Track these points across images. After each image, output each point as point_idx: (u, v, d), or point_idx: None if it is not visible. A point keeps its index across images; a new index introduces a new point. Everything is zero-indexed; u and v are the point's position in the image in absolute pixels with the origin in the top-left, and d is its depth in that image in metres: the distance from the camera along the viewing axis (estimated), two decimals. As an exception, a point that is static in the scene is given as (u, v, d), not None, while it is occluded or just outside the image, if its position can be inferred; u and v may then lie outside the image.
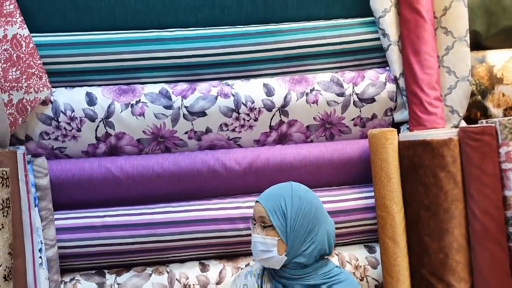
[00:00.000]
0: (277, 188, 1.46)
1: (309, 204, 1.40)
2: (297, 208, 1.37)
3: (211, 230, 1.90)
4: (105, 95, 1.88)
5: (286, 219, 1.36)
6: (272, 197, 1.41)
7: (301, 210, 1.37)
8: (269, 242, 1.36)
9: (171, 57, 1.93)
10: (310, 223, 1.37)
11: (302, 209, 1.37)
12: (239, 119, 1.93)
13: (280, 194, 1.41)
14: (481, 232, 1.71)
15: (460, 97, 1.94)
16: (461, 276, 1.74)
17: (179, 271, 1.91)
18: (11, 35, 1.77)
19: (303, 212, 1.37)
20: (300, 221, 1.36)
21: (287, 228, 1.36)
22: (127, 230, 1.87)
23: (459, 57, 1.94)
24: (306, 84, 1.97)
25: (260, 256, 1.38)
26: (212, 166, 1.92)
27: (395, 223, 1.83)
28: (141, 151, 1.97)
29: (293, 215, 1.36)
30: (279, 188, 1.46)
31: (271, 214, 1.37)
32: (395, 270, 1.82)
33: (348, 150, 2.01)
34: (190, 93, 1.90)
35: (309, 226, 1.37)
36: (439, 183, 1.76)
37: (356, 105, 2.00)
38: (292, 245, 1.36)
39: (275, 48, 1.97)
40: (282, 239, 1.36)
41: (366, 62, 2.07)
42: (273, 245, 1.35)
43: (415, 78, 1.90)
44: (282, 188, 1.45)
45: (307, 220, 1.37)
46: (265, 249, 1.36)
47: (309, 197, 1.43)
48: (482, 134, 1.71)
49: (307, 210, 1.38)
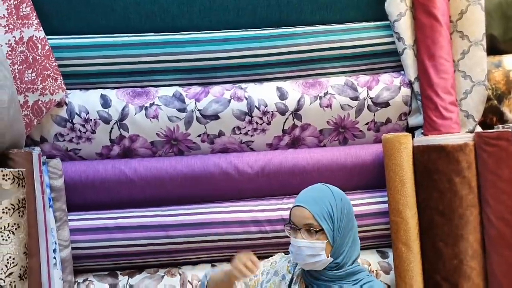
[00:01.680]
0: (317, 191, 1.43)
1: (347, 205, 1.42)
2: (341, 210, 1.38)
3: (223, 233, 1.91)
4: (119, 97, 1.90)
5: (334, 222, 1.36)
6: (317, 201, 1.38)
7: (344, 211, 1.39)
8: (318, 246, 1.34)
9: (185, 60, 1.93)
10: (349, 223, 1.40)
11: (344, 210, 1.39)
12: (252, 123, 1.93)
13: (324, 197, 1.39)
14: (496, 238, 1.69)
15: (476, 102, 1.92)
16: (475, 283, 1.73)
17: (191, 273, 1.92)
18: (27, 37, 1.78)
19: (346, 213, 1.39)
20: (344, 222, 1.37)
21: (334, 230, 1.36)
22: (140, 232, 1.89)
23: (475, 61, 1.92)
24: (319, 87, 1.97)
25: (307, 260, 1.36)
26: (225, 169, 1.92)
27: (408, 228, 1.81)
28: (154, 154, 1.98)
29: (338, 216, 1.36)
30: (319, 191, 1.44)
31: (319, 219, 1.34)
32: (408, 276, 1.81)
33: (362, 155, 2.00)
34: (204, 96, 1.91)
35: (349, 226, 1.39)
36: (454, 188, 1.74)
37: (370, 109, 1.98)
38: (337, 246, 1.36)
39: (289, 52, 1.97)
40: (330, 241, 1.35)
41: (381, 66, 2.06)
42: (321, 249, 1.34)
43: (430, 82, 1.88)
44: (322, 191, 1.43)
45: (347, 220, 1.39)
46: (313, 253, 1.34)
47: (346, 198, 1.45)
48: (498, 139, 1.69)
49: (347, 210, 1.40)
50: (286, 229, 1.42)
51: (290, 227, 1.42)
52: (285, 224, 1.44)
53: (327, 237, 1.35)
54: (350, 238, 1.39)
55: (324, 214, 1.35)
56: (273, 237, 1.92)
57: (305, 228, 1.37)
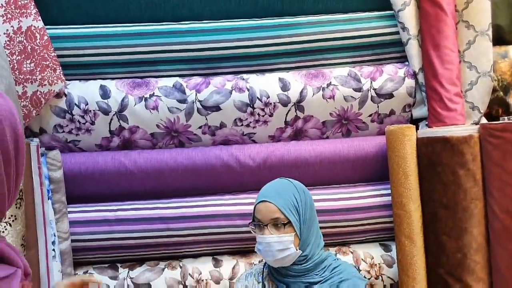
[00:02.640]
0: (280, 185, 1.45)
1: (309, 196, 1.46)
2: (305, 201, 1.41)
3: (224, 226, 1.89)
4: (119, 88, 1.87)
5: (299, 214, 1.37)
6: (281, 195, 1.39)
7: (307, 202, 1.42)
8: (287, 240, 1.34)
9: (186, 50, 1.90)
10: (312, 214, 1.43)
11: (308, 201, 1.42)
12: (253, 114, 1.90)
13: (288, 190, 1.41)
14: (501, 232, 1.66)
15: (481, 93, 1.88)
16: (479, 277, 1.70)
17: (192, 266, 1.90)
18: (25, 27, 1.76)
19: (309, 204, 1.42)
20: (308, 213, 1.40)
21: (301, 222, 1.37)
22: (140, 224, 1.87)
23: (480, 51, 1.88)
24: (322, 78, 1.94)
25: (276, 256, 1.36)
26: (226, 162, 1.90)
27: (412, 222, 1.79)
28: (154, 145, 1.96)
29: (303, 208, 1.39)
30: (281, 185, 1.46)
31: (286, 211, 1.35)
32: (411, 269, 1.78)
33: (365, 147, 1.97)
34: (204, 87, 1.88)
35: (312, 217, 1.42)
36: (458, 181, 1.71)
37: (374, 100, 1.95)
38: (305, 238, 1.37)
39: (292, 42, 1.94)
40: (297, 233, 1.36)
41: (385, 56, 2.02)
42: (290, 242, 1.35)
43: (435, 73, 1.85)
44: (284, 184, 1.46)
45: (310, 211, 1.41)
46: (282, 247, 1.34)
47: (307, 189, 1.49)
48: (503, 131, 1.65)
49: (309, 202, 1.43)
50: (251, 228, 1.42)
51: (255, 224, 1.41)
52: (250, 223, 1.43)
53: (295, 230, 1.36)
54: (315, 229, 1.42)
55: (290, 206, 1.36)
56: (275, 230, 1.90)
57: (272, 223, 1.36)
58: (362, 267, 1.89)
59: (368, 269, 1.90)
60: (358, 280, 1.39)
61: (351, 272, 1.41)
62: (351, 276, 1.38)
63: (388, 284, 1.92)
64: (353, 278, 1.38)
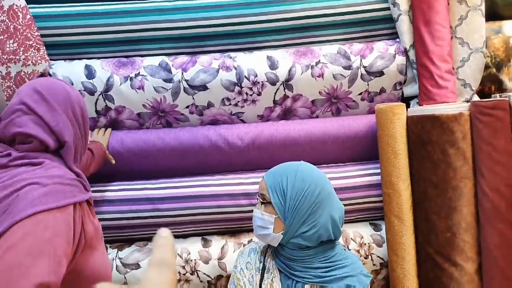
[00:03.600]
0: (284, 166, 1.39)
1: (313, 186, 1.32)
2: (299, 189, 1.31)
3: (213, 206, 1.87)
4: (104, 67, 1.84)
5: (286, 198, 1.31)
6: (275, 175, 1.36)
7: (303, 191, 1.31)
8: (267, 219, 1.32)
9: (172, 28, 1.87)
10: (312, 206, 1.30)
11: (304, 190, 1.31)
12: (241, 93, 1.88)
13: (284, 172, 1.35)
14: (491, 211, 1.63)
15: (473, 70, 1.84)
16: (468, 256, 1.69)
17: (181, 246, 1.89)
18: (7, 6, 1.73)
19: (304, 193, 1.30)
20: (300, 202, 1.30)
21: (286, 207, 1.31)
22: (128, 205, 1.86)
23: (473, 27, 1.83)
24: (311, 56, 1.90)
25: (257, 231, 1.36)
26: (214, 142, 1.88)
27: (401, 201, 1.77)
28: (141, 126, 1.94)
29: (293, 195, 1.30)
30: (286, 166, 1.39)
31: (270, 191, 1.32)
32: (400, 249, 1.77)
33: (355, 126, 1.94)
34: (191, 66, 1.85)
35: (311, 209, 1.30)
36: (448, 159, 1.69)
37: (364, 78, 1.92)
38: (290, 225, 1.31)
39: (280, 19, 1.90)
40: (280, 217, 1.31)
41: (375, 33, 1.98)
42: (270, 223, 1.32)
43: (426, 50, 1.81)
44: (289, 166, 1.38)
45: (308, 202, 1.30)
46: (262, 225, 1.33)
47: (315, 179, 1.34)
48: (494, 109, 1.61)
49: (309, 191, 1.31)
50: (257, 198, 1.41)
51: (256, 196, 1.41)
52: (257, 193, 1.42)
53: (276, 212, 1.31)
54: (316, 222, 1.30)
55: (277, 187, 1.32)
56: (264, 210, 1.89)
57: (260, 198, 1.35)
58: (351, 247, 1.88)
59: (358, 249, 1.89)
60: (363, 277, 1.32)
61: (356, 268, 1.34)
62: (356, 272, 1.32)
63: (378, 263, 1.91)
64: (358, 274, 1.31)
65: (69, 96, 1.18)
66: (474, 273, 1.69)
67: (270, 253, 1.43)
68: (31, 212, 0.95)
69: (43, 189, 1.00)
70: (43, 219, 0.96)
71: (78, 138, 1.20)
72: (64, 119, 1.15)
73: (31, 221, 0.94)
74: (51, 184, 1.02)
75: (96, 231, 1.16)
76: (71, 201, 1.05)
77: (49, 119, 1.13)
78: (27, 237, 0.92)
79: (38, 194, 0.99)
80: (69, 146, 1.15)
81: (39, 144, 1.13)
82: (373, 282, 1.91)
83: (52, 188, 1.02)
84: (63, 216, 1.01)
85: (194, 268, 1.86)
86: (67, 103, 1.17)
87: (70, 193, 1.06)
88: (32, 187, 1.00)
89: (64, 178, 1.08)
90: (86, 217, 1.12)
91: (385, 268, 1.90)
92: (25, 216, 0.93)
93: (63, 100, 1.17)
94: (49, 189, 1.01)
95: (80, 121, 1.21)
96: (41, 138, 1.11)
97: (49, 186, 1.01)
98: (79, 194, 1.10)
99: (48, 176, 1.04)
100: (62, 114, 1.15)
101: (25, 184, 1.00)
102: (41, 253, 0.91)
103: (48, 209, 0.97)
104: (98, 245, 1.15)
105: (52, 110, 1.14)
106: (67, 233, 1.00)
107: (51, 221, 0.97)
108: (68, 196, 1.05)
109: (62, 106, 1.16)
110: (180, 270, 1.86)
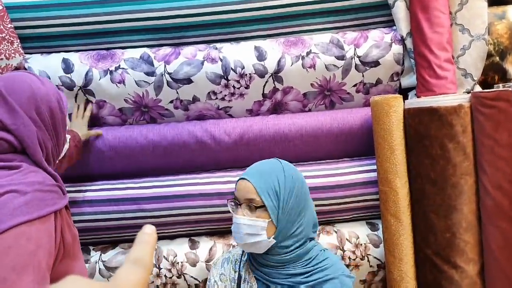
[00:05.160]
0: (267, 165, 1.30)
1: (300, 184, 1.27)
2: (290, 188, 1.24)
3: (200, 206, 1.78)
4: (82, 61, 1.74)
5: (279, 200, 1.22)
6: (262, 175, 1.25)
7: (294, 190, 1.24)
8: (259, 225, 1.21)
9: (153, 18, 1.76)
10: (300, 204, 1.25)
11: (294, 189, 1.24)
12: (228, 87, 1.77)
13: (272, 172, 1.25)
14: (493, 210, 1.52)
15: (475, 58, 1.72)
16: (469, 257, 1.58)
17: (167, 248, 1.81)
18: (-23, -3, 1.63)
19: (295, 192, 1.24)
20: (292, 203, 1.23)
21: (279, 209, 1.22)
22: (111, 206, 1.77)
23: (474, 13, 1.71)
24: (302, 46, 1.79)
25: (245, 240, 1.23)
26: (200, 138, 1.78)
27: (398, 199, 1.67)
28: (124, 122, 1.84)
29: (285, 196, 1.22)
30: (269, 165, 1.30)
31: (263, 194, 1.21)
32: (397, 250, 1.67)
33: (349, 120, 1.83)
34: (174, 58, 1.74)
35: (300, 207, 1.25)
36: (447, 155, 1.57)
37: (358, 69, 1.80)
38: (283, 227, 1.22)
39: (268, 6, 1.78)
40: (273, 221, 1.21)
41: (370, 21, 1.86)
42: (262, 228, 1.21)
43: (423, 37, 1.69)
44: (272, 165, 1.29)
45: (298, 201, 1.24)
46: (253, 232, 1.21)
47: (299, 176, 1.30)
48: (496, 100, 1.49)
49: (298, 190, 1.25)
50: (230, 204, 1.28)
51: (233, 202, 1.28)
52: (228, 199, 1.30)
53: (270, 216, 1.21)
54: (301, 221, 1.25)
55: (269, 189, 1.21)
56: (253, 209, 1.79)
57: (246, 204, 1.23)
58: (346, 248, 1.78)
59: (353, 250, 1.79)
60: (346, 278, 1.25)
61: (338, 269, 1.26)
62: (338, 274, 1.24)
63: (375, 264, 1.81)
64: (340, 276, 1.23)
65: (33, 95, 1.09)
66: (476, 275, 1.59)
67: (245, 261, 1.34)
68: (12, 224, 0.90)
69: (23, 197, 0.96)
70: (25, 230, 0.92)
71: (47, 139, 1.12)
72: (25, 120, 1.07)
73: (13, 233, 0.90)
74: (31, 192, 0.98)
75: (74, 239, 1.12)
76: (52, 209, 1.00)
77: (6, 120, 1.05)
78: (10, 251, 0.87)
79: (18, 203, 0.94)
80: (34, 149, 1.08)
81: (8, 146, 1.06)
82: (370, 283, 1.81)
83: (32, 197, 0.97)
84: (45, 226, 0.97)
85: (181, 271, 1.77)
86: (30, 103, 1.08)
87: (51, 200, 1.02)
88: (12, 195, 0.95)
89: (44, 184, 1.03)
90: (65, 224, 1.07)
91: (383, 270, 1.81)
92: (6, 228, 0.89)
93: (26, 100, 1.08)
94: (29, 197, 0.97)
95: (48, 121, 1.12)
96: (6, 139, 1.05)
97: (29, 195, 0.97)
98: (59, 200, 1.05)
99: (27, 183, 0.99)
100: (23, 115, 1.07)
101: (3, 192, 0.94)
102: (25, 267, 0.87)
103: (30, 219, 0.93)
104: (77, 253, 1.12)
105: (10, 111, 1.06)
106: (49, 243, 0.97)
107: (34, 232, 0.93)
108: (49, 204, 1.00)
109: (24, 106, 1.08)
110: (166, 274, 1.77)
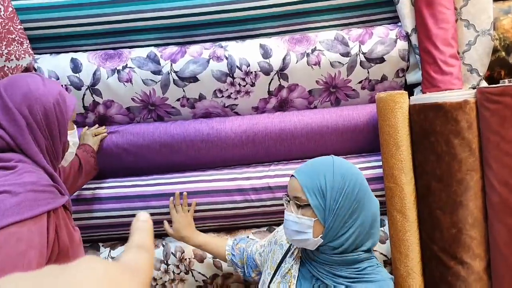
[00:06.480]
0: (317, 163, 1.26)
1: (352, 183, 1.20)
2: (339, 188, 1.19)
3: (207, 203, 1.80)
4: (90, 60, 1.77)
5: (326, 199, 1.18)
6: (310, 174, 1.22)
7: (343, 190, 1.19)
8: (305, 223, 1.19)
9: (160, 18, 1.78)
10: (352, 205, 1.19)
11: (344, 189, 1.19)
12: (234, 85, 1.79)
13: (320, 170, 1.22)
14: (499, 205, 1.52)
15: (480, 54, 1.71)
16: (475, 253, 1.58)
17: (175, 244, 1.83)
18: (-12, -1, 1.67)
19: (345, 192, 1.19)
20: (342, 203, 1.18)
21: (326, 209, 1.18)
22: (119, 203, 1.80)
23: (479, 8, 1.70)
24: (307, 43, 1.79)
25: (293, 236, 1.22)
26: (206, 135, 1.80)
27: (404, 195, 1.67)
28: (132, 120, 1.87)
29: (333, 195, 1.18)
30: (319, 163, 1.26)
31: (308, 192, 1.19)
32: (403, 246, 1.67)
33: (355, 116, 1.83)
34: (180, 57, 1.76)
35: (351, 208, 1.19)
36: (453, 151, 1.57)
37: (363, 66, 1.81)
38: (330, 227, 1.18)
39: (273, 4, 1.79)
40: (320, 220, 1.19)
41: (375, 17, 1.86)
42: (308, 227, 1.19)
43: (428, 33, 1.68)
44: (323, 163, 1.25)
45: (349, 201, 1.18)
46: (299, 229, 1.20)
47: (352, 175, 1.22)
48: (502, 96, 1.48)
49: (349, 190, 1.19)
50: (284, 199, 1.29)
51: (284, 197, 1.28)
52: (284, 194, 1.30)
53: (316, 215, 1.18)
54: (354, 223, 1.19)
55: (314, 188, 1.18)
56: (259, 206, 1.80)
57: (294, 201, 1.22)
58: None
59: (360, 246, 1.79)
60: None
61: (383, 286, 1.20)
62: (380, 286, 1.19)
63: (381, 261, 1.81)
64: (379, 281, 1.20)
65: (28, 93, 1.10)
66: (482, 271, 1.59)
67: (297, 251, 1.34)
68: (2, 225, 0.90)
69: (15, 198, 0.96)
70: (16, 231, 0.92)
71: (39, 137, 1.12)
72: (17, 117, 1.08)
73: (3, 233, 0.90)
74: (23, 192, 0.98)
75: (72, 239, 1.10)
76: (45, 209, 0.99)
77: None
78: None
79: (10, 204, 0.94)
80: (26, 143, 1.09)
81: (4, 143, 1.08)
82: None
83: (24, 197, 0.98)
84: (37, 226, 0.97)
85: (189, 267, 1.79)
86: (23, 100, 1.09)
87: (44, 200, 1.02)
88: (3, 196, 0.96)
89: (37, 184, 1.03)
90: (62, 224, 1.06)
91: (389, 266, 1.81)
92: None
93: (20, 96, 1.09)
94: (21, 198, 0.97)
95: (41, 121, 1.12)
96: None
97: (22, 195, 0.97)
98: (53, 200, 1.04)
99: (20, 184, 1.00)
100: (14, 110, 1.08)
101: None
102: (15, 268, 0.87)
103: (21, 220, 0.94)
104: (74, 256, 1.08)
105: (4, 107, 1.08)
106: (41, 243, 0.97)
107: (25, 233, 0.93)
108: (41, 204, 1.00)
109: (16, 102, 1.09)
110: (174, 270, 1.80)
